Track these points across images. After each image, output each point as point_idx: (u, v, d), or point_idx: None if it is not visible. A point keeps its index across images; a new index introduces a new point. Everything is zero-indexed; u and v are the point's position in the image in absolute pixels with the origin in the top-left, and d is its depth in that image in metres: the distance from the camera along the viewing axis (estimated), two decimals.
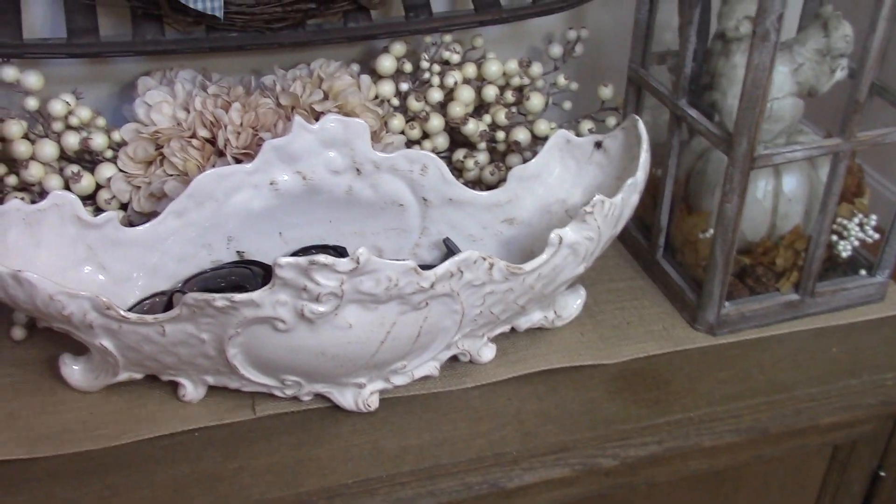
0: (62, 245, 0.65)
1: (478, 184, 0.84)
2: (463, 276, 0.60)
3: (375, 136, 0.79)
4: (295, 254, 0.73)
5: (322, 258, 0.55)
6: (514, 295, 0.65)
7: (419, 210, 0.74)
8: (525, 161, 0.84)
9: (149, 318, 0.59)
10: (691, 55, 0.69)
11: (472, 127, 0.81)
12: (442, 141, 0.83)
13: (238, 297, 0.57)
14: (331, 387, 0.65)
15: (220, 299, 0.57)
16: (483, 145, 0.83)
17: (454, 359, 0.69)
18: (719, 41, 0.72)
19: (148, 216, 0.76)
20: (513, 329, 0.71)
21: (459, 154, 0.84)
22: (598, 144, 0.72)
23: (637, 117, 0.68)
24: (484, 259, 0.61)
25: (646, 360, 0.71)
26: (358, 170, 0.71)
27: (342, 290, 0.57)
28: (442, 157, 0.84)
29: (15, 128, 0.73)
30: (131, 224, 0.77)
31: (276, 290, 0.56)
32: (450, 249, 0.73)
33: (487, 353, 0.70)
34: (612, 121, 0.84)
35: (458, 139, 0.84)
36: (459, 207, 0.73)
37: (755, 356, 0.72)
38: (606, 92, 0.83)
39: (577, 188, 0.73)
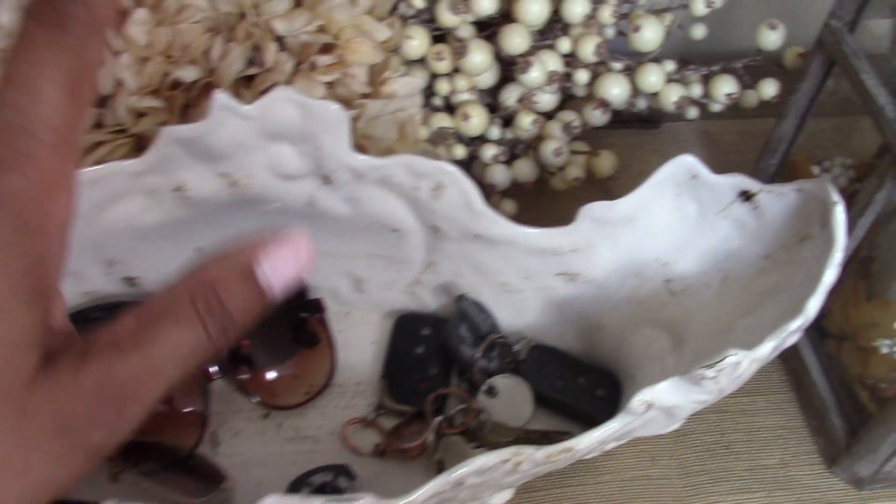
0: None
1: (530, 150, 0.54)
2: (466, 482, 0.34)
3: (374, 78, 0.48)
4: None
5: None
6: (551, 468, 0.38)
7: (424, 239, 0.45)
8: (615, 118, 0.54)
9: None
10: None
11: (538, 77, 0.49)
12: (487, 77, 0.52)
13: None
14: None
15: None
16: (551, 88, 0.52)
17: None
18: None
19: None
20: None
21: (511, 96, 0.52)
22: (747, 196, 0.41)
23: (835, 195, 0.36)
24: (507, 460, 0.34)
25: None
26: (327, 177, 0.42)
27: None
28: (485, 96, 0.53)
29: None
30: None
31: None
32: (464, 315, 0.45)
33: (497, 497, 0.44)
34: (769, 89, 0.51)
35: (509, 71, 0.52)
36: (491, 247, 0.44)
37: None
38: (772, 38, 0.49)
39: (692, 250, 0.43)
